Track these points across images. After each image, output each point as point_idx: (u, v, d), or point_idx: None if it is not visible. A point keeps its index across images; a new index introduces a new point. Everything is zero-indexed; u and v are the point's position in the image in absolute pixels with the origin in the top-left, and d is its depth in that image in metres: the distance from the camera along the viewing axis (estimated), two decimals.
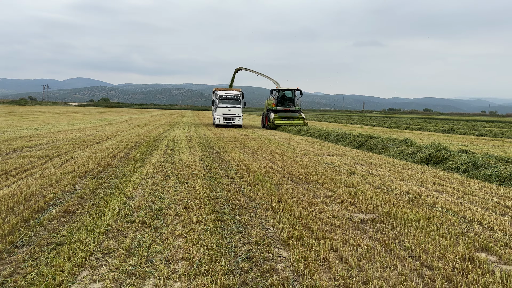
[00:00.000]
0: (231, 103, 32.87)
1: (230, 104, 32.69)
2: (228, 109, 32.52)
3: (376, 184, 8.94)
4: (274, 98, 33.93)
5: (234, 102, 33.02)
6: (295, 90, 34.13)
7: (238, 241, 4.99)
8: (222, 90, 33.90)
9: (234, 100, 33.07)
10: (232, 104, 32.78)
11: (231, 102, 32.93)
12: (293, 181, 9.09)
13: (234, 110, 32.67)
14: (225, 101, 32.87)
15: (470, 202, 7.56)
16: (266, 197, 7.20)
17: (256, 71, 38.62)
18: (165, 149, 14.43)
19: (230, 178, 9.11)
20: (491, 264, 4.51)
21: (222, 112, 32.48)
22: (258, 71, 38.51)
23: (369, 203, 7.07)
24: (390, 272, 4.19)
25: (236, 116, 32.60)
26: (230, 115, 32.48)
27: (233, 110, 32.64)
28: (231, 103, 32.82)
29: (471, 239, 5.28)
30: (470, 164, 11.27)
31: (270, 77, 36.85)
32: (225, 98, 32.97)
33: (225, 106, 32.53)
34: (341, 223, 5.84)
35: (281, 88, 34.19)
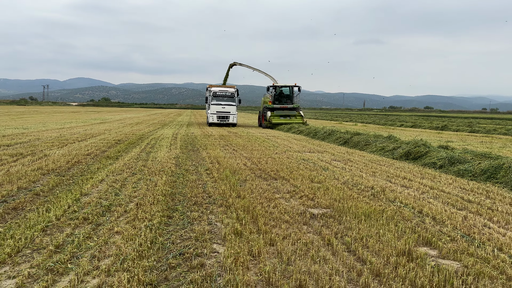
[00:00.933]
0: (225, 100, 31.23)
1: (224, 102, 31.05)
2: (222, 106, 30.84)
3: (343, 180, 8.86)
4: (271, 95, 32.16)
5: (228, 99, 31.36)
6: (293, 87, 32.20)
7: (178, 237, 4.90)
8: (216, 87, 32.08)
9: (228, 98, 31.42)
10: (226, 102, 31.10)
11: (225, 99, 31.28)
12: (261, 177, 9.01)
13: (228, 108, 30.98)
14: (218, 98, 31.23)
15: (433, 197, 7.47)
16: (225, 193, 7.12)
17: (252, 67, 36.55)
18: (145, 147, 14.35)
19: (198, 175, 9.03)
20: (428, 259, 4.42)
21: (215, 110, 30.82)
22: (254, 67, 36.45)
23: (328, 198, 6.98)
24: (319, 266, 4.10)
25: (231, 114, 30.95)
26: (224, 113, 30.83)
27: (227, 108, 30.96)
28: (225, 101, 31.17)
29: (417, 234, 5.19)
30: (447, 160, 11.17)
31: (266, 73, 35.18)
32: (218, 95, 31.25)
33: (218, 103, 30.89)
34: (290, 218, 5.76)
35: (278, 84, 32.29)
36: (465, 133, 29.65)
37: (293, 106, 31.54)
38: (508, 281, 3.92)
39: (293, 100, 32.15)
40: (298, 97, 32.62)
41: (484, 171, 9.71)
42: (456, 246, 4.79)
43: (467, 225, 5.67)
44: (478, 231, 5.39)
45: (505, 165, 9.48)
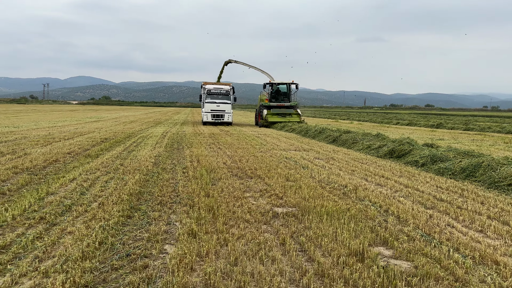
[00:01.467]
0: (220, 98, 30.20)
1: (218, 100, 30.04)
2: (217, 105, 29.80)
3: (319, 178, 8.78)
4: (267, 93, 31.25)
5: (223, 97, 30.29)
6: (290, 84, 31.27)
7: (131, 238, 4.83)
8: (211, 84, 31.02)
9: (223, 95, 30.31)
10: (221, 100, 30.09)
11: (220, 97, 30.23)
12: (237, 176, 8.93)
13: (223, 106, 29.92)
14: (213, 96, 30.18)
15: (405, 195, 7.39)
16: (193, 192, 7.04)
17: (248, 64, 35.77)
18: (129, 145, 14.27)
19: (173, 174, 8.96)
20: (379, 259, 4.34)
21: (210, 108, 29.77)
22: (249, 64, 35.68)
23: (297, 197, 6.90)
24: (265, 267, 4.03)
25: (226, 112, 29.94)
26: (219, 111, 29.82)
27: (222, 106, 29.89)
28: (220, 99, 30.16)
29: (376, 233, 5.11)
30: (429, 158, 11.09)
31: (262, 70, 34.39)
32: (213, 92, 30.20)
33: (213, 101, 29.89)
34: (252, 218, 5.68)
35: (275, 81, 31.39)
36: (459, 131, 29.53)
37: (291, 104, 30.67)
38: (455, 282, 3.85)
39: (291, 97, 31.31)
40: (295, 95, 31.70)
41: (463, 169, 9.62)
42: (411, 246, 4.71)
43: (430, 224, 5.59)
44: (439, 231, 5.31)
45: (484, 163, 9.39)
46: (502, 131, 27.74)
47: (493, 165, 9.15)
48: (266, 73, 33.79)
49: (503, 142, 18.97)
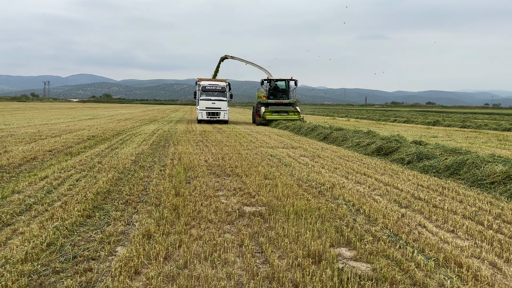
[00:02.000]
0: (216, 95, 28.72)
1: (214, 97, 28.59)
2: (212, 102, 28.41)
3: (298, 176, 8.59)
4: (265, 89, 30.01)
5: (219, 94, 28.81)
6: (289, 80, 30.00)
7: (84, 239, 4.64)
8: (206, 81, 29.78)
9: (219, 92, 28.85)
10: (216, 97, 28.63)
11: (215, 94, 28.75)
12: (215, 174, 8.74)
13: (218, 103, 28.50)
14: (208, 93, 28.76)
15: (382, 194, 7.19)
16: (164, 191, 6.85)
17: (245, 60, 34.24)
18: (115, 143, 14.09)
19: (149, 172, 8.77)
20: (338, 261, 4.15)
21: (205, 105, 28.42)
22: (246, 60, 34.14)
23: (270, 195, 6.71)
24: (215, 270, 3.84)
25: (221, 110, 28.57)
26: (214, 109, 28.45)
27: (217, 103, 28.48)
28: (215, 96, 28.67)
29: (341, 233, 4.92)
30: (415, 155, 10.88)
31: (260, 66, 33.25)
32: (208, 89, 28.82)
33: (208, 99, 28.45)
34: (216, 217, 5.49)
35: (273, 78, 30.08)
36: (456, 128, 29.31)
37: (289, 101, 29.49)
38: (412, 286, 3.65)
39: (289, 94, 30.07)
40: (294, 92, 30.55)
41: (448, 167, 9.41)
42: (375, 247, 4.51)
43: (400, 224, 5.40)
44: (408, 231, 5.11)
45: (468, 161, 9.18)
46: (499, 128, 27.49)
47: (478, 162, 8.94)
48: (264, 69, 32.77)
49: (496, 140, 18.74)
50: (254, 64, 33.78)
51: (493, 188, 7.78)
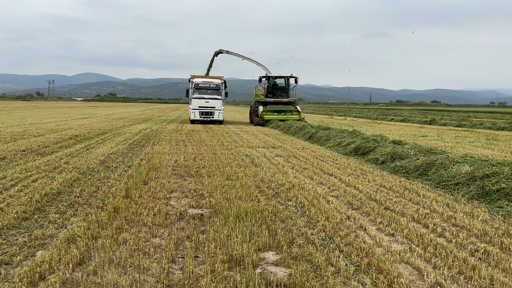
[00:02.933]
0: (210, 93, 26.95)
1: (208, 95, 26.85)
2: (206, 100, 26.73)
3: (262, 177, 8.48)
4: (263, 87, 28.27)
5: (213, 92, 27.01)
6: (289, 78, 28.17)
7: (7, 243, 4.55)
8: (199, 78, 27.71)
9: (213, 90, 27.03)
10: (210, 95, 26.87)
11: (209, 92, 26.98)
12: (178, 174, 8.63)
13: (212, 102, 26.78)
14: (201, 91, 27.00)
15: (338, 195, 7.07)
16: (113, 193, 6.75)
17: (241, 55, 32.12)
18: (94, 142, 14.02)
19: (112, 172, 8.67)
20: (255, 266, 4.03)
21: (197, 104, 26.82)
22: (243, 55, 32.10)
23: (222, 197, 6.59)
24: (123, 277, 3.73)
25: (216, 109, 26.81)
26: (208, 108, 26.77)
27: (211, 102, 26.77)
28: (209, 94, 26.92)
29: (273, 236, 4.80)
30: (389, 155, 10.73)
31: (258, 62, 31.17)
32: (201, 87, 26.97)
33: (201, 97, 26.79)
34: (154, 220, 5.38)
35: (272, 75, 28.33)
36: (450, 127, 29.05)
37: (289, 100, 27.66)
38: None
39: (289, 93, 28.24)
40: (295, 90, 28.68)
41: (417, 167, 9.26)
42: (302, 251, 4.39)
43: (341, 226, 5.27)
44: (345, 234, 4.99)
45: (437, 162, 9.02)
46: (493, 127, 27.20)
47: (446, 163, 8.78)
48: (262, 65, 31.04)
49: (485, 139, 18.52)
50: (251, 60, 31.78)
51: (457, 189, 7.63)
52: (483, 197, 6.97)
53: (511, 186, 6.79)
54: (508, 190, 6.76)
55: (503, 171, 7.38)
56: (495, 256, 4.40)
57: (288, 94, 28.11)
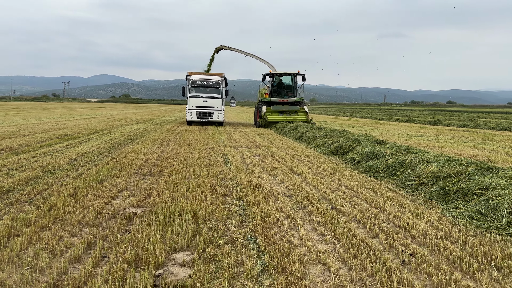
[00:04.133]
0: (208, 91, 24.61)
1: (206, 94, 24.49)
2: (204, 100, 24.34)
3: (224, 176, 8.35)
4: (268, 86, 26.17)
5: (212, 90, 24.66)
6: (295, 75, 25.83)
7: None
8: (198, 75, 25.46)
9: (212, 88, 24.66)
10: (209, 94, 24.51)
11: (207, 90, 24.65)
12: (140, 174, 8.52)
13: (211, 101, 24.41)
14: (199, 89, 24.64)
15: (292, 194, 6.93)
16: (60, 191, 6.67)
17: (244, 51, 29.83)
18: (78, 142, 14.03)
19: (74, 171, 8.60)
20: (157, 268, 3.89)
21: (194, 104, 24.39)
22: (246, 51, 29.65)
23: (169, 196, 6.46)
24: (13, 278, 3.62)
25: (215, 109, 24.46)
26: (206, 108, 24.41)
27: (210, 101, 24.41)
28: (207, 92, 24.58)
29: (193, 237, 4.66)
30: (365, 155, 10.50)
31: (262, 58, 28.86)
32: (199, 85, 24.58)
33: (198, 96, 24.38)
34: (84, 219, 5.27)
35: (277, 72, 26.02)
36: (454, 127, 28.55)
37: (296, 99, 25.39)
38: None
39: (296, 92, 25.98)
40: (302, 89, 26.33)
41: (387, 167, 9.03)
42: (216, 251, 4.23)
43: (274, 226, 5.10)
44: (275, 233, 4.82)
45: (407, 161, 8.78)
46: (497, 127, 26.61)
47: (416, 163, 8.53)
48: (266, 61, 28.55)
49: (481, 139, 18.09)
50: (254, 56, 29.36)
51: (420, 189, 7.39)
52: (442, 197, 6.73)
53: (470, 186, 6.54)
54: (466, 190, 6.51)
55: (466, 171, 7.11)
56: (420, 259, 4.19)
57: (295, 93, 25.97)
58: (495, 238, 4.93)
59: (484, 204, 5.84)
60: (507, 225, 5.22)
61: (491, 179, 6.59)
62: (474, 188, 6.40)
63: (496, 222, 5.34)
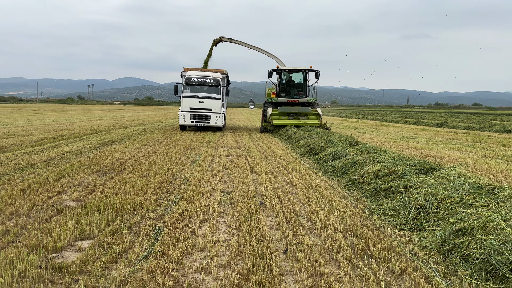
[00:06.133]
0: (205, 91, 21.21)
1: (202, 93, 21.08)
2: (200, 100, 20.81)
3: (180, 174, 8.74)
4: (276, 84, 22.90)
5: (210, 89, 21.18)
6: (307, 71, 22.39)
7: None
8: (194, 71, 21.87)
9: (210, 87, 21.15)
10: (206, 93, 21.06)
11: (205, 89, 21.27)
12: (102, 171, 8.97)
13: (209, 102, 20.77)
14: (194, 87, 21.12)
15: (231, 191, 7.26)
16: (12, 186, 7.18)
17: (247, 43, 26.01)
18: (68, 142, 14.64)
19: (45, 169, 9.14)
20: (53, 254, 4.31)
21: (189, 105, 20.88)
22: (249, 44, 25.94)
23: (111, 191, 6.89)
24: None
25: (213, 112, 20.88)
26: (202, 110, 20.87)
27: (207, 102, 20.77)
28: (204, 91, 21.19)
29: (107, 227, 5.06)
30: (331, 156, 10.75)
31: (268, 52, 25.52)
32: (195, 82, 21.02)
33: (193, 95, 20.86)
34: (16, 211, 5.74)
35: (286, 68, 22.64)
36: (459, 129, 28.33)
37: (308, 100, 22.06)
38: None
39: (308, 91, 22.70)
40: (315, 87, 22.85)
41: (342, 167, 9.29)
42: (116, 240, 4.63)
43: (187, 221, 5.47)
44: (184, 225, 5.19)
45: (358, 161, 9.03)
46: (500, 130, 26.26)
47: (366, 162, 8.77)
48: (273, 55, 25.35)
49: (472, 141, 18.02)
50: (259, 49, 25.76)
51: (361, 187, 7.64)
52: (374, 195, 6.99)
53: (397, 185, 6.77)
54: (393, 188, 6.76)
55: (399, 170, 7.33)
56: (302, 248, 4.50)
57: (307, 93, 22.65)
58: (394, 232, 5.19)
59: (401, 201, 6.07)
60: (411, 221, 5.47)
61: (421, 178, 6.79)
62: (400, 187, 6.64)
63: (404, 218, 5.59)
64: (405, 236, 5.05)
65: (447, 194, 5.62)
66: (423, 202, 5.63)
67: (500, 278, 3.73)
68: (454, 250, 4.34)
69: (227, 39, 25.80)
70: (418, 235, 5.03)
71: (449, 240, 4.51)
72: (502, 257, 3.82)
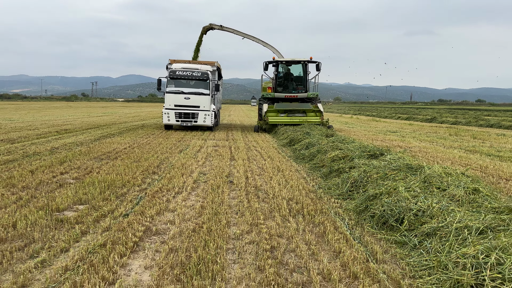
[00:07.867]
0: (193, 86, 19.07)
1: (189, 88, 18.93)
2: (185, 97, 18.69)
3: (167, 160, 10.02)
4: (272, 78, 21.25)
5: (197, 84, 19.02)
6: (307, 63, 20.61)
7: None
8: (181, 63, 20.08)
9: (197, 81, 19.01)
10: (193, 88, 18.91)
11: (191, 84, 19.14)
12: (99, 158, 10.29)
13: (196, 98, 18.69)
14: (180, 82, 19.04)
15: (206, 172, 8.53)
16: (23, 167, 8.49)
17: (240, 31, 24.02)
18: (71, 134, 15.97)
19: (49, 156, 10.44)
20: (43, 212, 5.61)
21: (173, 101, 18.82)
22: (243, 32, 23.94)
23: (105, 172, 8.19)
24: None
25: (201, 110, 18.78)
26: (189, 108, 18.76)
27: (194, 98, 18.68)
28: (191, 86, 19.03)
29: (99, 196, 6.36)
30: (305, 145, 12.01)
31: (264, 41, 23.55)
32: (180, 76, 18.94)
33: (179, 91, 18.78)
34: (28, 185, 7.05)
35: (283, 59, 20.76)
36: (446, 124, 29.57)
37: (308, 95, 20.36)
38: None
39: (308, 85, 20.86)
40: (316, 80, 20.98)
41: (310, 154, 10.56)
42: (81, 215, 5.93)
43: (156, 196, 6.76)
44: (159, 204, 6.48)
45: (323, 149, 10.29)
46: (484, 124, 27.47)
47: (329, 150, 10.03)
48: (269, 45, 23.44)
49: (448, 134, 19.25)
50: (254, 38, 23.76)
51: (319, 170, 8.91)
52: (327, 175, 8.26)
53: (344, 166, 8.07)
54: (341, 169, 8.03)
55: (349, 155, 8.62)
56: (248, 211, 5.78)
57: (307, 87, 20.86)
58: (330, 200, 6.47)
59: (343, 178, 7.34)
60: (346, 192, 6.75)
61: (365, 161, 8.05)
62: (346, 167, 7.92)
63: (341, 190, 6.87)
64: (337, 203, 6.33)
65: (376, 171, 6.88)
66: (357, 178, 6.90)
67: (390, 227, 5.01)
68: (366, 210, 5.63)
69: (218, 26, 24.00)
70: (347, 202, 6.31)
71: (364, 203, 5.79)
72: (393, 212, 5.10)
